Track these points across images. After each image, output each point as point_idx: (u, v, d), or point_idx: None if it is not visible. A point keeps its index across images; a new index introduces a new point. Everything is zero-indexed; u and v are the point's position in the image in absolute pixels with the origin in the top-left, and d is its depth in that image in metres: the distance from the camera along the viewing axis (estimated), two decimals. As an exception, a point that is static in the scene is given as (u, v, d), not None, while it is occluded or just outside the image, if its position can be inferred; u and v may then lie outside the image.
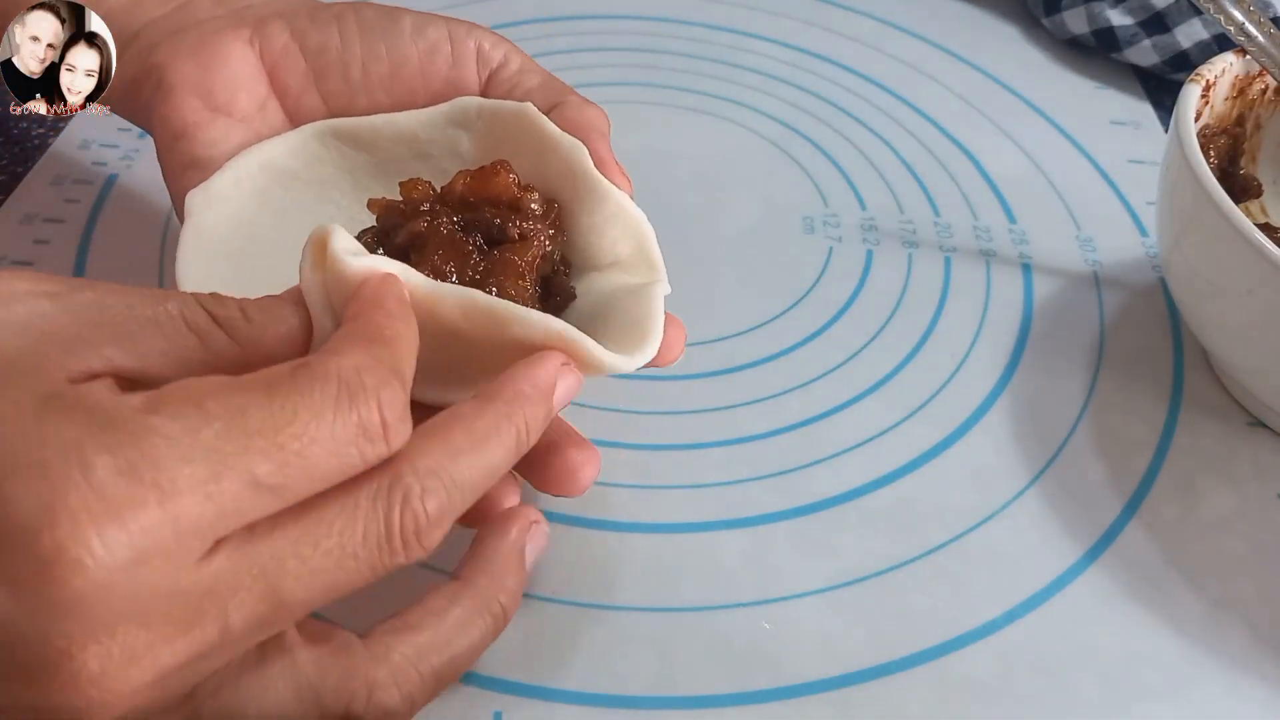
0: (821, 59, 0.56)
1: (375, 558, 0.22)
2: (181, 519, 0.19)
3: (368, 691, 0.23)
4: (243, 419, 0.20)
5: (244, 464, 0.20)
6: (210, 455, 0.20)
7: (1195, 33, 0.53)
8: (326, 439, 0.21)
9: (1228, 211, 0.34)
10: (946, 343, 0.41)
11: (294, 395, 0.21)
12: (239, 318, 0.24)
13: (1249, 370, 0.38)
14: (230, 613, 0.20)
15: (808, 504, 0.35)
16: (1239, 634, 0.33)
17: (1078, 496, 0.36)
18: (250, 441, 0.20)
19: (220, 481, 0.20)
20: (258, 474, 0.20)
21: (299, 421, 0.21)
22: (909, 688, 0.31)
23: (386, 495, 0.22)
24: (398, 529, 0.22)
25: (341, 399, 0.21)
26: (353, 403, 0.21)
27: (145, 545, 0.19)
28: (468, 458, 0.23)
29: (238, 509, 0.20)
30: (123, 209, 0.44)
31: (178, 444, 0.20)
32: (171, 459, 0.19)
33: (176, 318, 0.23)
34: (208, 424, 0.20)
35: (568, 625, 0.32)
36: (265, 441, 0.20)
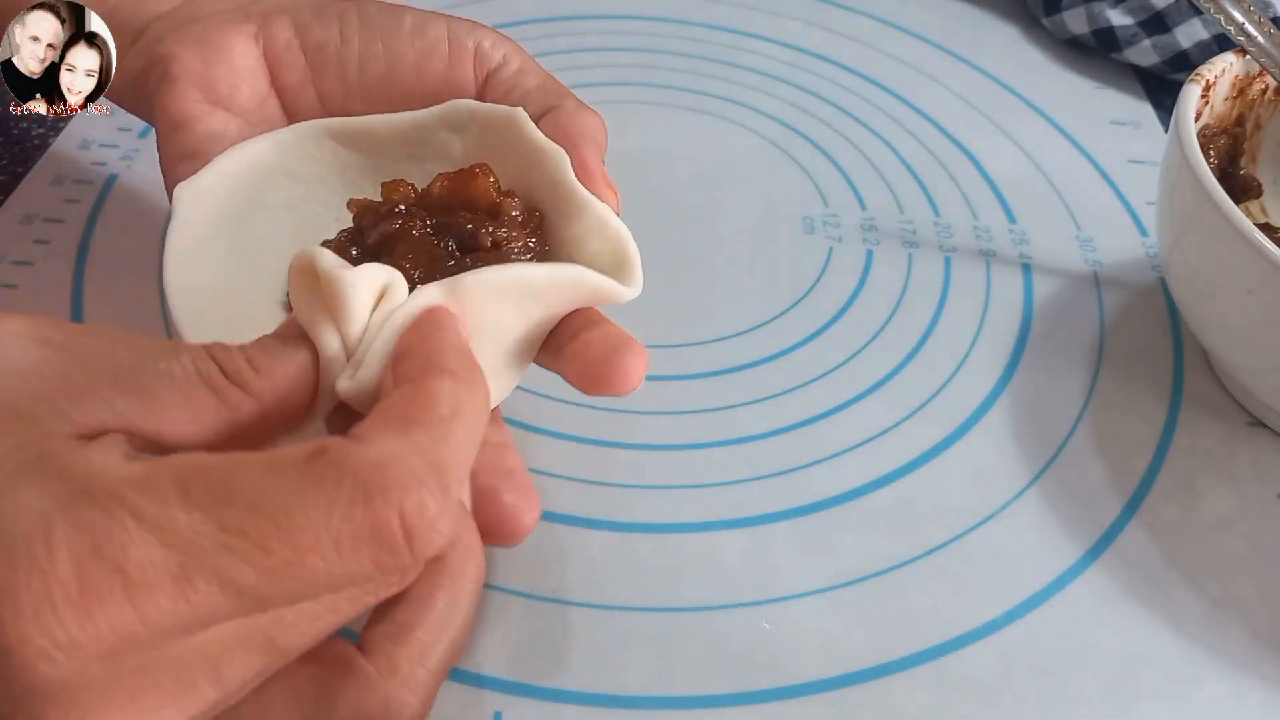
0: (821, 59, 0.56)
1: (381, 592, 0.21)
2: (149, 615, 0.18)
3: (384, 709, 0.22)
4: (228, 511, 0.18)
5: (221, 567, 0.18)
6: (184, 549, 0.18)
7: (1195, 33, 0.53)
8: (328, 549, 0.18)
9: (1228, 211, 0.34)
10: (946, 343, 0.41)
11: (297, 492, 0.18)
12: (247, 370, 0.23)
13: (1249, 370, 0.38)
14: (225, 672, 0.19)
15: (808, 504, 0.35)
16: (1239, 634, 0.33)
17: (1078, 496, 0.36)
18: (231, 541, 0.18)
19: (192, 581, 0.18)
20: (237, 580, 0.18)
21: (294, 526, 0.18)
22: (909, 688, 0.31)
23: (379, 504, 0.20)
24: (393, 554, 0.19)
25: (355, 501, 0.18)
26: (367, 506, 0.19)
27: (114, 639, 0.18)
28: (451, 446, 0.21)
29: (213, 613, 0.18)
30: (123, 209, 0.44)
31: (150, 529, 0.18)
32: (141, 546, 0.18)
33: (192, 373, 0.22)
34: (187, 511, 0.18)
35: (568, 625, 0.32)
36: (249, 545, 0.18)
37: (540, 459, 0.36)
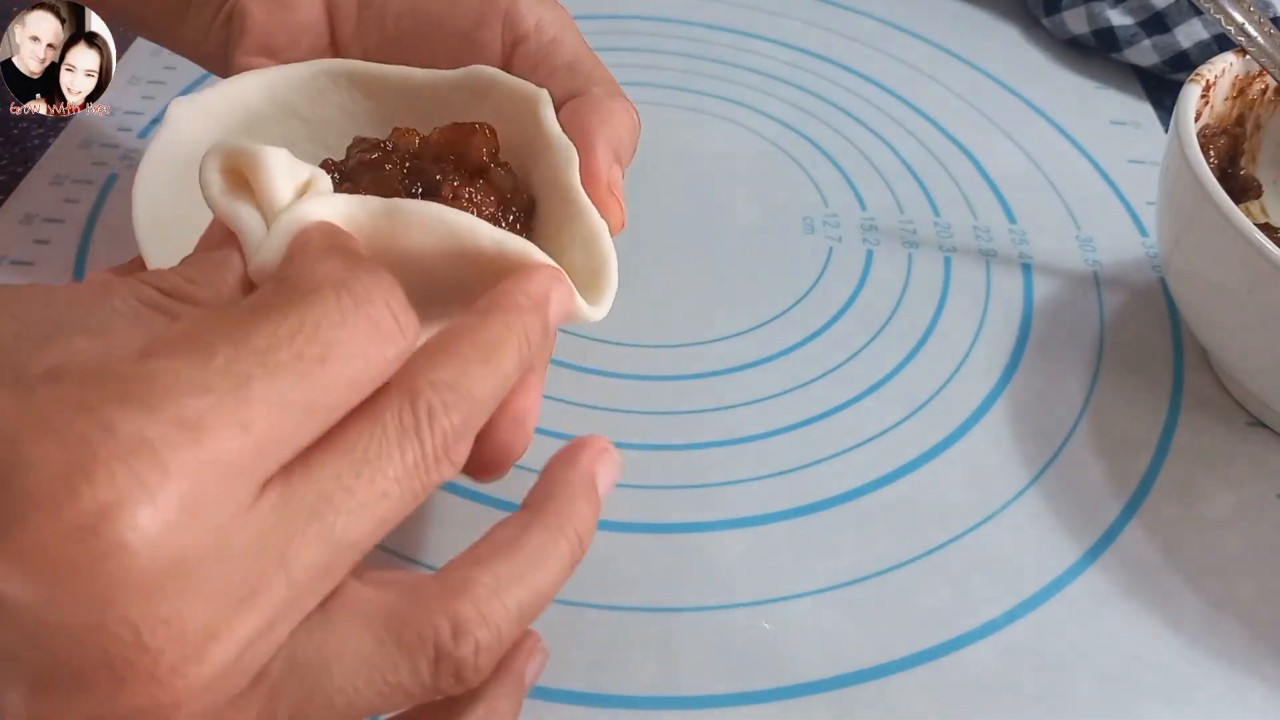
0: (821, 59, 0.56)
1: (414, 480, 0.21)
2: (222, 456, 0.17)
3: (452, 625, 0.21)
4: (249, 340, 0.19)
5: (267, 384, 0.18)
6: (229, 381, 0.18)
7: (1195, 33, 0.53)
8: (345, 341, 0.19)
9: (1228, 211, 0.34)
10: (946, 343, 0.41)
11: (291, 308, 0.19)
12: (185, 284, 0.22)
13: (1249, 370, 0.38)
14: (291, 563, 0.19)
15: (808, 504, 0.35)
16: (1239, 634, 0.33)
17: (1078, 496, 0.36)
18: (265, 358, 0.18)
19: (250, 407, 0.18)
20: (284, 392, 0.18)
21: (308, 328, 0.19)
22: (909, 688, 0.31)
23: (412, 414, 0.20)
24: (430, 446, 0.21)
25: (344, 299, 0.20)
26: (356, 302, 0.20)
27: (193, 493, 0.17)
28: (479, 369, 0.22)
29: (275, 437, 0.18)
30: (123, 209, 0.44)
31: (191, 379, 0.18)
32: (190, 394, 0.17)
33: (133, 303, 0.21)
34: (214, 353, 0.18)
35: (568, 625, 0.32)
36: (283, 354, 0.19)
37: (541, 459, 0.36)
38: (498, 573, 0.22)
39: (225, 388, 0.18)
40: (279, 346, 0.19)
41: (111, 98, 0.47)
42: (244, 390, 0.18)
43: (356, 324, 0.20)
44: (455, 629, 0.21)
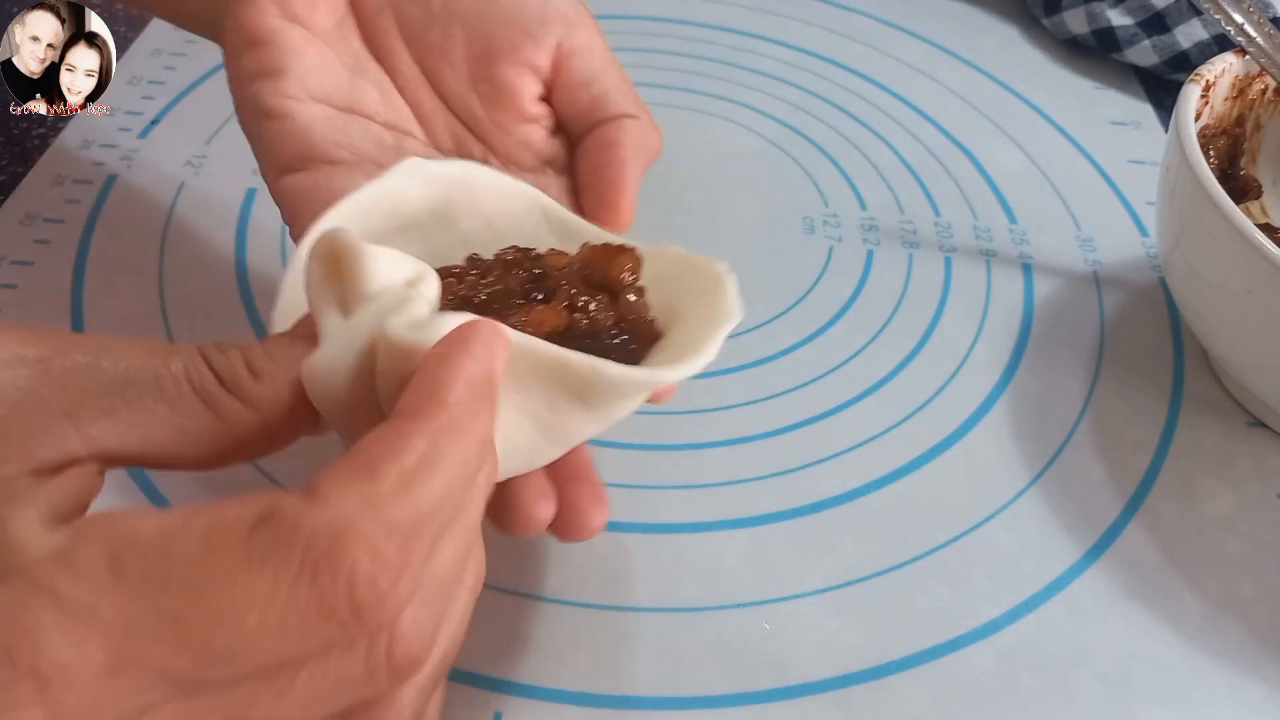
0: (821, 59, 0.56)
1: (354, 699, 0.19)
2: (65, 715, 0.16)
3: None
4: (162, 592, 0.16)
5: (152, 657, 0.16)
6: (113, 636, 0.16)
7: (1195, 33, 0.53)
8: (274, 628, 0.17)
9: (1228, 212, 0.34)
10: (946, 343, 0.41)
11: (240, 569, 0.17)
12: (244, 376, 0.20)
13: (1249, 370, 0.38)
14: None
15: (808, 504, 0.35)
16: (1239, 634, 0.33)
17: (1078, 496, 0.36)
18: (165, 630, 0.16)
19: (121, 675, 0.16)
20: (171, 669, 0.16)
21: (234, 609, 0.16)
22: (909, 688, 0.31)
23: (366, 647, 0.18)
24: (384, 672, 0.18)
25: (300, 581, 0.17)
26: (313, 584, 0.17)
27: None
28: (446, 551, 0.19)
29: (144, 704, 0.17)
30: (123, 209, 0.44)
31: (72, 619, 0.16)
32: (60, 642, 0.16)
33: (182, 383, 0.20)
34: (117, 590, 0.16)
35: (568, 625, 0.32)
36: (186, 635, 0.16)
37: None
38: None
39: (100, 646, 0.16)
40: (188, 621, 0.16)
41: (111, 98, 0.47)
42: (122, 657, 0.16)
43: (299, 609, 0.17)
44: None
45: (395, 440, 0.18)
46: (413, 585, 0.18)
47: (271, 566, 0.17)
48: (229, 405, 0.20)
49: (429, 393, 0.19)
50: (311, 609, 0.17)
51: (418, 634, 0.19)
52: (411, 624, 0.19)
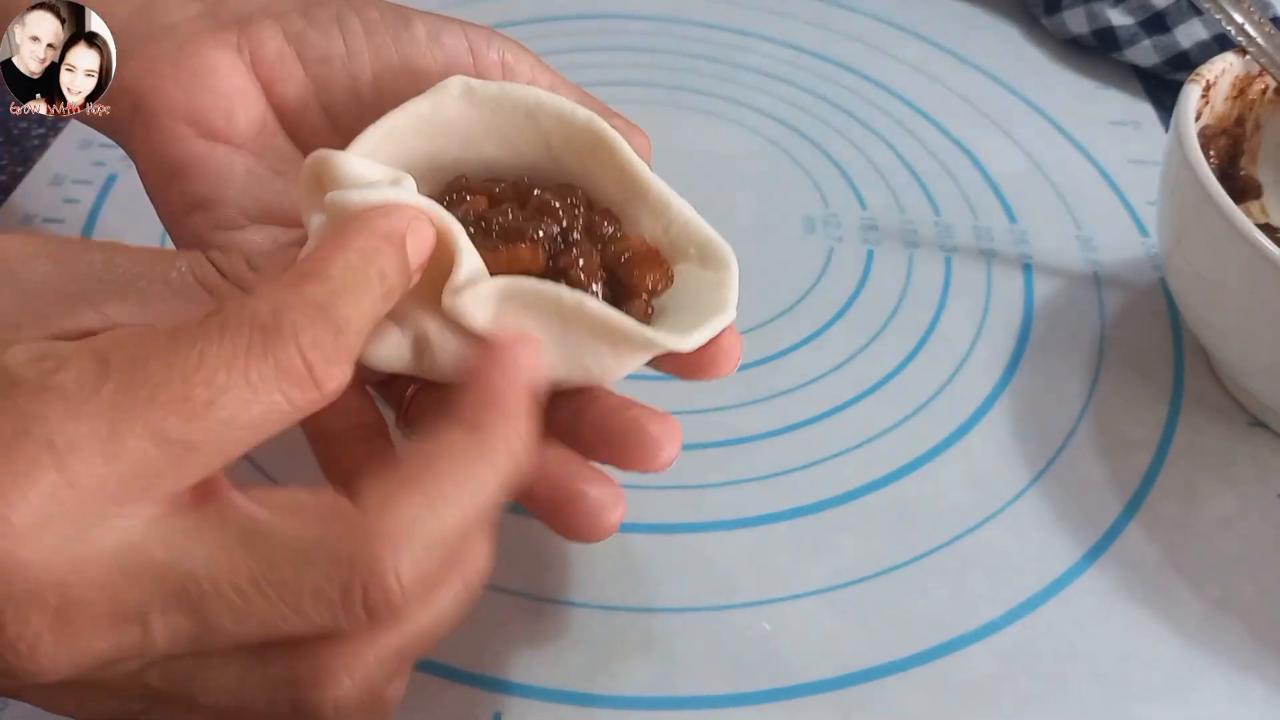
0: (821, 59, 0.56)
1: (328, 620, 0.20)
2: (80, 480, 0.18)
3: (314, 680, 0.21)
4: (145, 372, 0.19)
5: (146, 418, 0.19)
6: (109, 411, 0.19)
7: (1195, 33, 0.53)
8: (239, 385, 0.19)
9: (1228, 212, 0.34)
10: (946, 343, 0.41)
11: (199, 341, 0.19)
12: (244, 269, 0.23)
13: (1249, 370, 0.38)
14: (153, 621, 0.19)
15: (808, 504, 0.35)
16: (1239, 634, 0.33)
17: (1078, 496, 0.36)
18: (154, 394, 0.19)
19: (121, 439, 0.19)
20: (164, 428, 0.19)
21: (206, 368, 0.19)
22: (909, 688, 0.31)
23: (348, 559, 0.20)
24: (359, 598, 0.20)
25: (254, 341, 0.20)
26: (265, 345, 0.20)
27: (46, 509, 0.18)
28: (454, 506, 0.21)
29: (145, 469, 0.19)
30: (123, 209, 0.44)
31: (74, 401, 0.19)
32: (66, 417, 0.18)
33: (187, 276, 0.22)
34: (107, 379, 0.19)
35: (568, 625, 0.32)
36: (169, 393, 0.19)
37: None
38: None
39: (103, 417, 0.19)
40: (172, 382, 0.19)
41: (111, 98, 0.47)
42: (122, 424, 0.19)
43: (261, 370, 0.20)
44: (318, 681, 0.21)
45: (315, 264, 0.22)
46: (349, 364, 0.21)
47: (228, 337, 0.20)
48: (228, 292, 0.23)
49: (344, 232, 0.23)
50: (271, 368, 0.20)
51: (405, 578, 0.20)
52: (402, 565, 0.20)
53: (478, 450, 0.22)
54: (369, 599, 0.20)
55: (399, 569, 0.20)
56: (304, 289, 0.21)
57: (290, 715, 0.21)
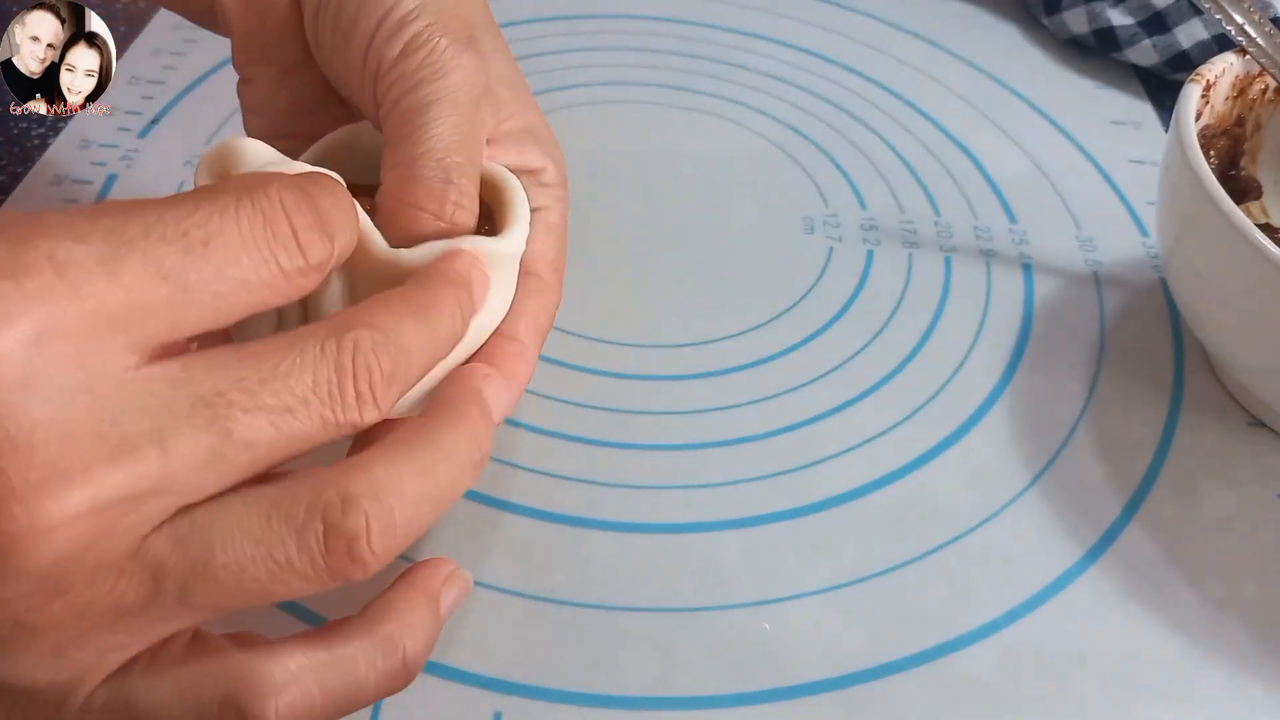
0: (821, 59, 0.56)
1: (327, 408, 0.21)
2: (86, 299, 0.18)
3: (342, 498, 0.21)
4: (141, 212, 0.19)
5: (146, 247, 0.19)
6: (108, 236, 0.19)
7: (1195, 33, 0.53)
8: (233, 234, 0.20)
9: (1228, 212, 0.34)
10: (946, 343, 0.41)
11: (191, 196, 0.20)
12: None
13: (1249, 370, 0.38)
14: (169, 439, 0.19)
15: (808, 504, 0.35)
16: (1239, 634, 0.33)
17: (1078, 496, 0.36)
18: (151, 228, 0.19)
19: (122, 263, 0.19)
20: (163, 260, 0.19)
21: (201, 214, 0.20)
22: (909, 688, 0.31)
23: (336, 345, 0.21)
24: (350, 378, 0.21)
25: (245, 202, 0.20)
26: (256, 206, 0.21)
27: (52, 324, 0.18)
28: (414, 323, 0.23)
29: (147, 303, 0.19)
30: (123, 209, 0.44)
31: (75, 226, 0.19)
32: (66, 237, 0.18)
33: None
34: (103, 215, 0.19)
35: (568, 625, 0.32)
36: (166, 230, 0.19)
37: (540, 459, 0.36)
38: (394, 458, 0.22)
39: (102, 241, 0.19)
40: (166, 223, 0.19)
41: (111, 98, 0.47)
42: (121, 248, 0.19)
43: (251, 222, 0.20)
44: (345, 501, 0.21)
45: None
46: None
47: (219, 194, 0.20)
48: None
49: None
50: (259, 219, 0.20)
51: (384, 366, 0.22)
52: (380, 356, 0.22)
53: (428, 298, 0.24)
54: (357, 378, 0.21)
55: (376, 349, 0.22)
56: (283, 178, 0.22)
57: (323, 554, 0.21)
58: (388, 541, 0.21)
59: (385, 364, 0.22)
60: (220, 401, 0.19)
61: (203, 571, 0.20)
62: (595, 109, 0.51)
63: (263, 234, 0.20)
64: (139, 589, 0.20)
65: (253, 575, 0.20)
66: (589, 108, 0.51)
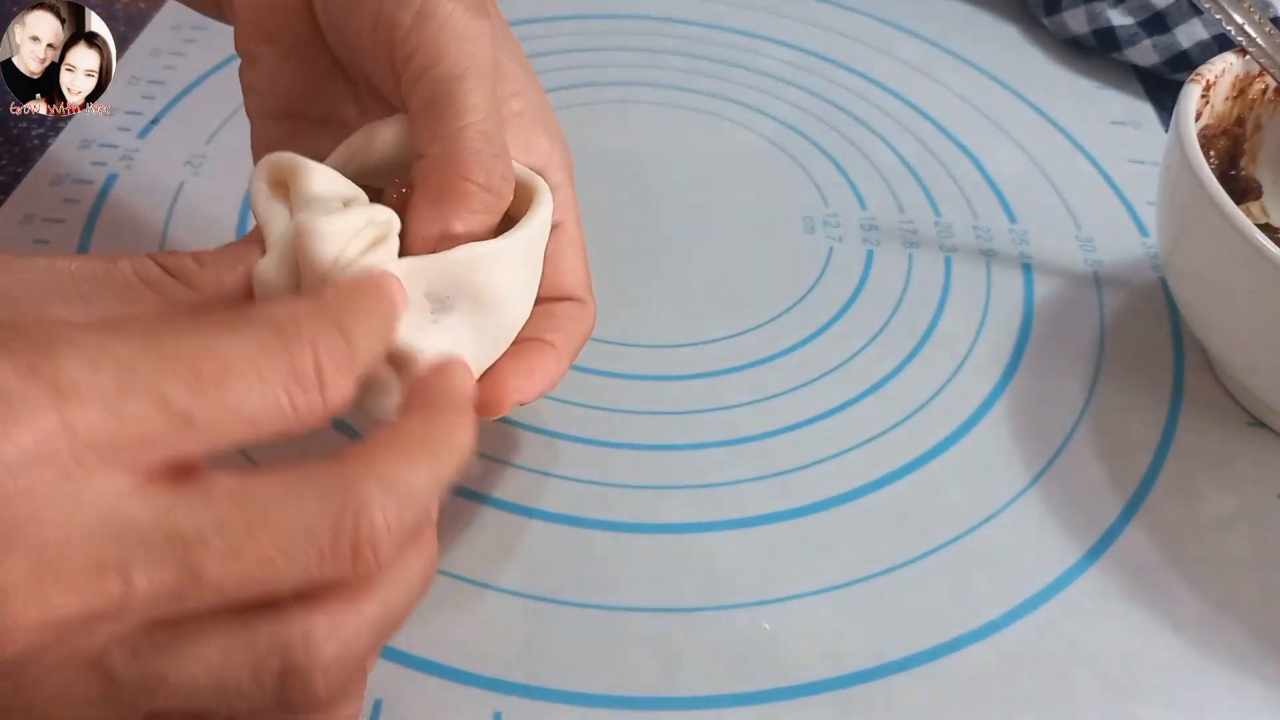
0: (821, 59, 0.56)
1: (314, 564, 0.20)
2: (79, 427, 0.18)
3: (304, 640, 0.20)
4: (159, 341, 0.19)
5: (154, 381, 0.19)
6: (119, 367, 0.18)
7: (1195, 33, 0.53)
8: (249, 373, 0.20)
9: (1228, 212, 0.34)
10: (946, 343, 0.41)
11: (221, 330, 0.20)
12: (190, 265, 0.23)
13: (1249, 370, 0.38)
14: (134, 573, 0.18)
15: (808, 504, 0.35)
16: (1239, 634, 0.33)
17: (1078, 496, 0.36)
18: (165, 363, 0.19)
19: (126, 396, 0.18)
20: (168, 395, 0.19)
21: (221, 351, 0.19)
22: (909, 688, 0.31)
23: (341, 500, 0.20)
24: (349, 536, 0.20)
25: (271, 339, 0.20)
26: (284, 344, 0.20)
27: (34, 448, 0.18)
28: (425, 466, 0.22)
29: (144, 432, 0.19)
30: (123, 209, 0.44)
31: (85, 351, 0.18)
32: (76, 364, 0.18)
33: (129, 274, 0.22)
34: (122, 340, 0.19)
35: (568, 625, 0.32)
36: (180, 365, 0.19)
37: (540, 459, 0.36)
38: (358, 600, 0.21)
39: (113, 373, 0.18)
40: (182, 359, 0.19)
41: (111, 98, 0.47)
42: (128, 380, 0.19)
43: (274, 364, 0.20)
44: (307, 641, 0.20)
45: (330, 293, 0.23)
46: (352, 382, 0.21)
47: (249, 330, 0.20)
48: (171, 288, 0.23)
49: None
50: (283, 363, 0.20)
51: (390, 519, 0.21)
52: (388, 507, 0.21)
53: (437, 432, 0.23)
54: (358, 537, 0.20)
55: (385, 509, 0.20)
56: (323, 299, 0.22)
57: (276, 689, 0.20)
58: (342, 682, 0.21)
59: (393, 523, 0.21)
60: (197, 542, 0.19)
61: (154, 689, 0.20)
62: (595, 109, 0.51)
63: (282, 377, 0.20)
64: (91, 692, 0.20)
65: (202, 697, 0.20)
66: (589, 107, 0.51)
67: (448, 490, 0.23)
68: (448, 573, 0.32)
